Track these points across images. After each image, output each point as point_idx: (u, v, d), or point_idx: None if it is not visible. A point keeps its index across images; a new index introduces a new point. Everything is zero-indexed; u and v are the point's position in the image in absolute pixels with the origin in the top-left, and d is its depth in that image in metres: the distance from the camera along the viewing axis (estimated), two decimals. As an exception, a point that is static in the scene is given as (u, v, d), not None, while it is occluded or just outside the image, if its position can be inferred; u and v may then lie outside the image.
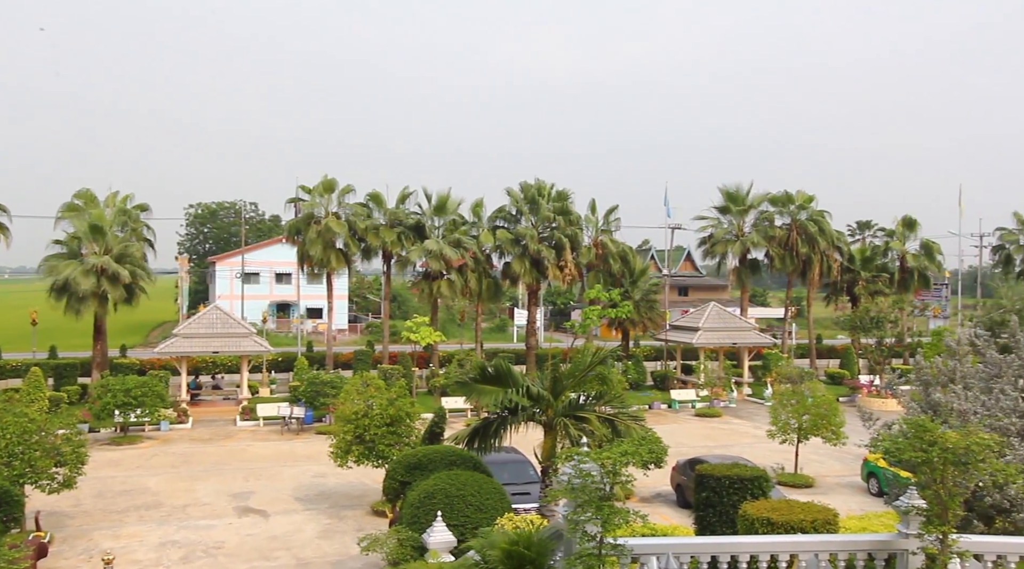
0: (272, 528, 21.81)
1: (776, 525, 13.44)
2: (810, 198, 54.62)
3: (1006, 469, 12.10)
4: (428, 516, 16.09)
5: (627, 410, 19.18)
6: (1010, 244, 64.37)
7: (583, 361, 18.80)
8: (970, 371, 18.75)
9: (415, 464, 19.13)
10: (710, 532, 15.74)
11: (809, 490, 25.80)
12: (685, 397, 44.30)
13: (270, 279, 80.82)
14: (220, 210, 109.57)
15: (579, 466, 10.91)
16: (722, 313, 49.74)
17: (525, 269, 48.80)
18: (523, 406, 17.94)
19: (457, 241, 48.00)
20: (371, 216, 48.98)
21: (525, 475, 22.08)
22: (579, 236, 50.37)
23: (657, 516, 21.47)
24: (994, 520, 16.79)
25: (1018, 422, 17.24)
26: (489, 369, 18.73)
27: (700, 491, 16.68)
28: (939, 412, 17.55)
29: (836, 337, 68.27)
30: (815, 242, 53.40)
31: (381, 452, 22.66)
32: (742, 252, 54.32)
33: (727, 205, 54.88)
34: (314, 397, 36.46)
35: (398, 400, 23.37)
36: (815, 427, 26.87)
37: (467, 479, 17.32)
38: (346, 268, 51.69)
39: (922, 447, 11.67)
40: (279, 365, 50.83)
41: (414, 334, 44.38)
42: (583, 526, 10.72)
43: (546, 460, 18.24)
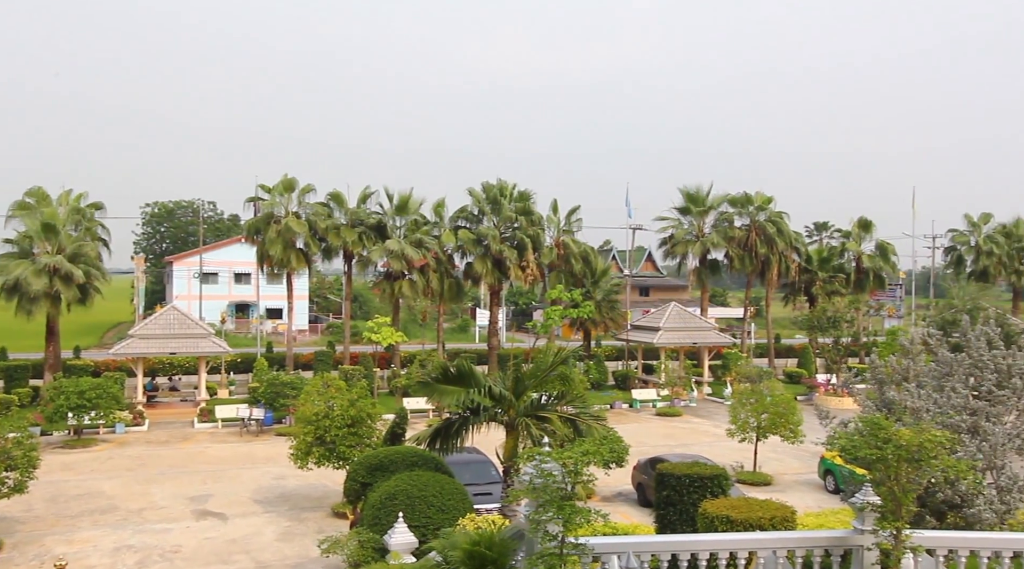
0: (231, 531, 21.53)
1: (735, 523, 13.58)
2: (769, 199, 55.36)
3: (957, 465, 12.36)
4: (389, 517, 15.99)
5: (589, 410, 19.24)
6: (961, 245, 65.88)
7: (545, 361, 18.83)
8: (923, 370, 19.13)
9: (376, 465, 19.01)
10: (671, 530, 15.86)
11: (768, 488, 26.13)
12: (646, 396, 44.61)
13: (229, 279, 79.81)
14: (177, 209, 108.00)
15: (541, 466, 10.93)
16: (683, 313, 50.19)
17: (487, 269, 48.79)
18: (485, 406, 17.92)
19: (419, 241, 47.83)
20: (332, 216, 48.60)
21: (487, 475, 22.07)
22: (541, 236, 50.50)
23: (618, 515, 21.59)
24: (946, 515, 17.16)
25: (968, 419, 17.63)
26: (451, 369, 18.67)
27: (661, 490, 16.80)
28: (893, 410, 17.88)
29: (794, 337, 69.25)
30: (774, 243, 54.11)
31: (342, 453, 22.48)
32: (702, 252, 54.86)
33: (687, 206, 55.39)
34: (274, 398, 36.06)
35: (359, 401, 23.21)
36: (774, 426, 27.24)
37: (429, 480, 17.25)
38: (306, 268, 51.25)
39: (877, 445, 11.88)
40: (238, 366, 50.22)
41: (375, 334, 44.12)
42: (545, 526, 10.74)
43: (508, 460, 18.25)
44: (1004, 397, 18.00)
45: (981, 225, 65.18)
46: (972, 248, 64.69)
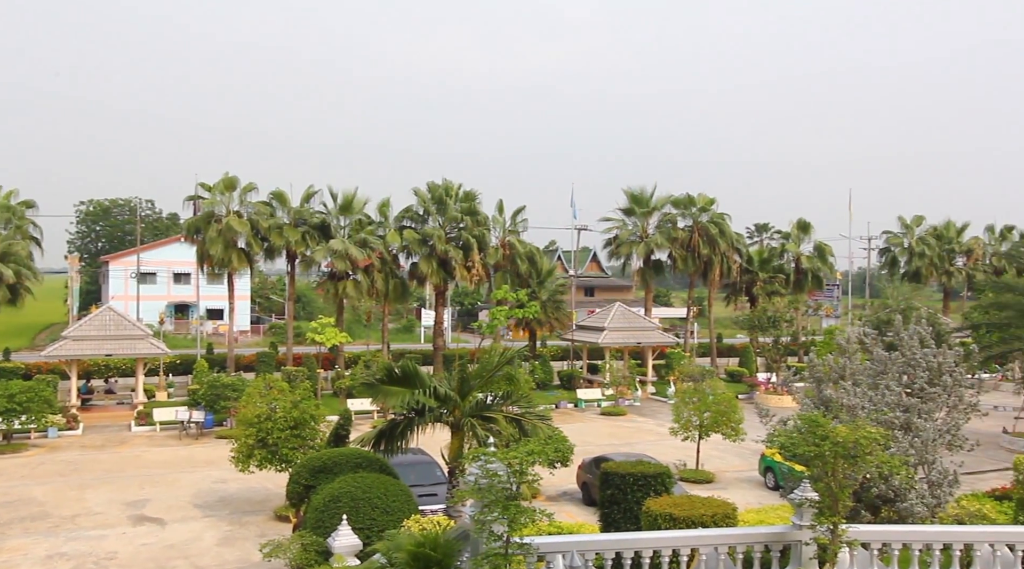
0: (169, 536, 21.07)
1: (678, 520, 13.74)
2: (711, 201, 56.18)
3: (891, 461, 12.69)
4: (333, 520, 15.82)
5: (534, 410, 19.29)
6: (895, 247, 67.83)
7: (490, 361, 18.84)
8: (859, 368, 19.61)
9: (320, 467, 18.80)
10: (615, 529, 15.98)
11: (710, 485, 26.52)
12: (591, 396, 44.94)
13: (167, 279, 78.17)
14: (114, 207, 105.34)
15: (486, 466, 10.92)
16: (627, 313, 50.67)
17: (432, 269, 48.61)
18: (430, 407, 17.84)
19: (363, 241, 47.43)
20: (274, 215, 47.90)
21: (432, 476, 22.00)
22: (486, 237, 50.48)
23: (563, 514, 21.70)
24: (880, 510, 17.63)
25: (901, 416, 18.14)
26: (396, 370, 18.56)
27: (605, 489, 16.92)
28: (831, 408, 18.29)
29: (736, 336, 70.43)
30: (716, 244, 54.93)
31: (285, 456, 22.18)
32: (646, 253, 55.45)
33: (632, 207, 55.92)
34: (214, 400, 35.40)
35: (302, 403, 22.93)
36: (715, 424, 27.66)
37: (373, 481, 17.11)
38: (248, 268, 50.40)
39: (815, 442, 12.14)
40: (177, 368, 49.18)
41: (319, 335, 43.61)
42: (490, 526, 10.73)
43: (453, 461, 18.21)
44: (935, 394, 18.56)
45: (914, 228, 67.20)
46: (905, 250, 66.65)
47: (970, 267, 66.58)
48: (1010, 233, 68.87)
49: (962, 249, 67.25)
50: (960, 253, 67.31)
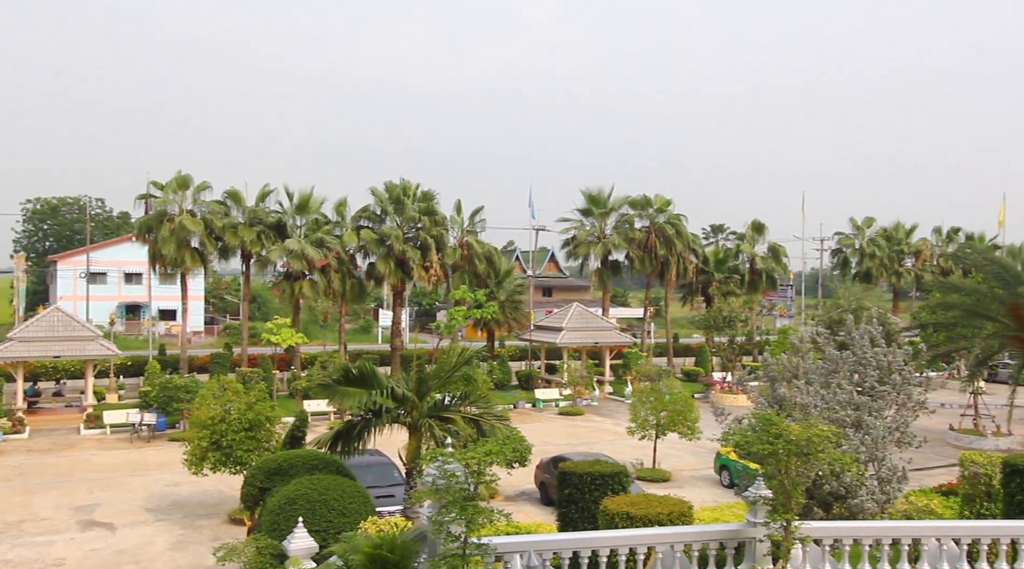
0: (119, 541, 20.65)
1: (635, 519, 13.82)
2: (668, 202, 56.71)
3: (842, 458, 12.91)
4: (289, 522, 15.64)
5: (492, 410, 19.29)
6: (847, 248, 69.14)
7: (448, 362, 18.79)
8: (811, 367, 19.92)
9: (275, 469, 18.58)
10: (572, 528, 16.02)
11: (666, 484, 26.76)
12: (549, 396, 45.06)
13: (118, 279, 76.69)
14: (62, 206, 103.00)
15: (443, 467, 10.88)
16: (585, 313, 50.91)
17: (390, 270, 48.35)
18: (388, 408, 17.75)
19: (320, 241, 47.00)
20: (229, 214, 47.27)
21: (389, 477, 21.90)
22: (444, 237, 50.36)
23: (521, 514, 21.73)
24: (832, 506, 17.93)
25: (852, 414, 18.47)
26: (353, 371, 18.41)
27: (563, 488, 16.96)
28: (784, 406, 18.56)
29: (692, 336, 71.16)
30: (672, 244, 55.44)
31: (239, 458, 21.88)
32: (604, 253, 55.78)
33: (589, 208, 56.23)
34: (167, 402, 34.80)
35: (257, 404, 22.63)
36: (672, 423, 27.91)
37: (330, 483, 16.96)
38: (202, 268, 49.72)
39: (768, 440, 12.30)
40: (128, 370, 48.25)
41: (275, 336, 43.09)
42: (447, 527, 10.70)
43: (411, 462, 18.13)
44: (885, 392, 18.93)
45: (865, 229, 68.57)
46: (857, 251, 67.97)
47: (918, 268, 68.12)
48: (956, 235, 70.63)
49: (911, 250, 68.82)
50: (909, 254, 68.86)
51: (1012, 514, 15.66)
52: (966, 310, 26.36)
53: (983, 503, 18.32)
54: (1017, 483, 15.74)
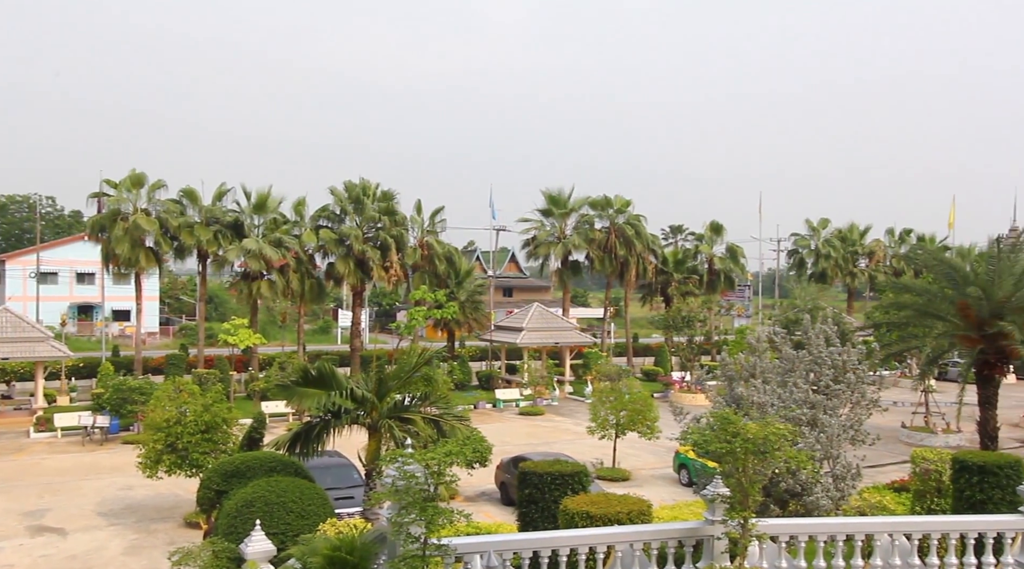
0: (71, 547, 20.22)
1: (594, 518, 13.87)
2: (627, 203, 57.11)
3: (798, 456, 13.08)
4: (246, 525, 15.43)
5: (452, 410, 19.25)
6: (802, 249, 70.27)
7: (408, 362, 18.70)
8: (768, 366, 20.19)
9: (232, 472, 18.33)
10: (532, 528, 16.03)
11: (626, 483, 26.93)
12: (509, 396, 45.09)
13: (70, 279, 75.11)
14: (11, 204, 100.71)
15: (403, 468, 10.82)
16: (545, 313, 51.04)
17: (349, 270, 48.01)
18: (347, 409, 17.62)
19: (278, 240, 46.51)
20: (185, 213, 46.58)
21: (349, 479, 21.74)
22: (405, 237, 50.17)
23: (482, 514, 21.71)
24: (788, 503, 18.19)
25: (808, 412, 18.76)
26: (312, 371, 18.25)
27: (523, 488, 16.95)
28: (741, 405, 18.78)
29: (651, 336, 71.72)
30: (632, 245, 55.85)
31: (195, 461, 21.57)
32: (564, 254, 55.99)
33: (550, 208, 56.41)
34: (120, 405, 34.17)
35: (214, 406, 22.33)
36: (632, 422, 28.09)
37: (288, 485, 16.78)
38: (157, 268, 48.89)
39: (726, 438, 12.42)
40: (80, 371, 47.29)
41: (232, 337, 42.56)
42: (407, 528, 10.64)
43: (370, 463, 18.01)
44: (839, 391, 19.25)
45: (820, 230, 69.73)
46: (812, 251, 69.10)
47: (872, 268, 69.46)
48: (908, 236, 72.18)
49: (864, 251, 70.15)
50: (863, 255, 70.18)
51: (961, 509, 16.01)
52: (917, 310, 26.87)
53: (934, 499, 18.71)
54: (966, 479, 16.09)
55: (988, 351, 24.25)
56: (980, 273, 24.62)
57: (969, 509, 15.70)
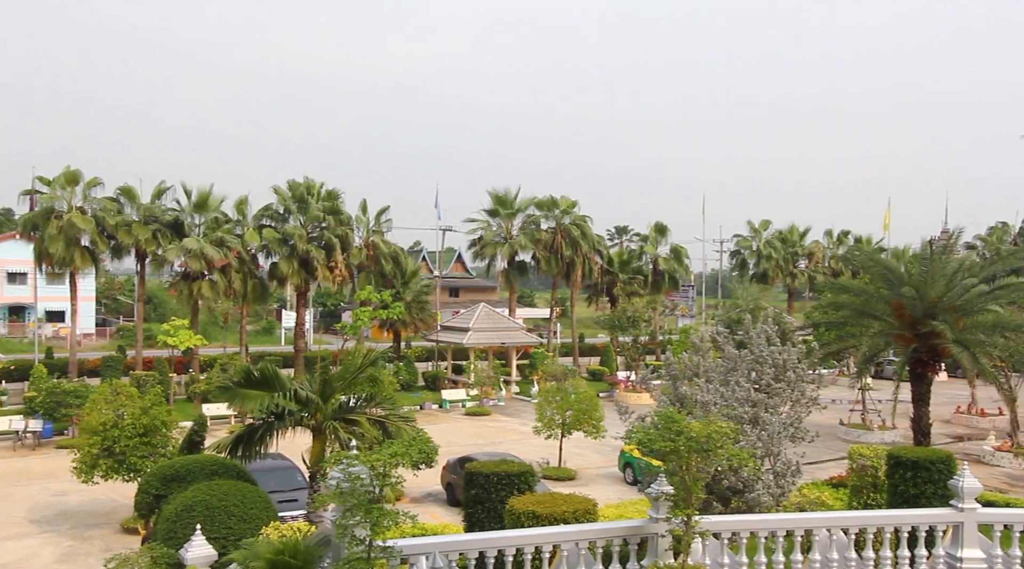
0: (0, 555, 19.56)
1: (540, 518, 13.91)
2: (573, 204, 57.44)
3: (740, 453, 13.29)
4: (186, 530, 15.12)
5: (398, 411, 19.15)
6: (744, 249, 71.49)
7: (354, 363, 18.54)
8: (711, 365, 20.51)
9: (172, 476, 17.93)
10: (479, 528, 16.01)
11: (572, 482, 27.06)
12: (456, 397, 44.98)
13: (1, 279, 72.79)
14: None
15: (348, 470, 10.71)
16: (491, 314, 51.04)
17: (293, 270, 47.40)
18: (291, 411, 17.39)
19: (220, 240, 45.67)
20: (122, 212, 45.44)
21: (292, 481, 21.47)
22: (350, 236, 49.74)
23: (428, 516, 21.61)
24: (730, 500, 18.49)
25: (750, 410, 19.09)
26: (254, 373, 17.95)
27: (469, 489, 16.93)
28: (685, 404, 19.04)
29: (597, 336, 72.22)
30: (578, 245, 56.20)
31: (133, 465, 21.04)
32: (510, 254, 56.09)
33: (496, 208, 56.45)
34: (54, 408, 33.18)
35: (153, 408, 21.82)
36: (577, 422, 28.25)
37: (229, 489, 16.48)
38: (93, 267, 47.56)
39: (670, 437, 12.56)
40: (11, 374, 45.79)
41: (172, 338, 41.65)
42: (352, 530, 10.53)
43: (315, 465, 17.80)
44: (780, 389, 19.64)
45: (761, 231, 71.05)
46: (754, 252, 70.37)
47: (811, 269, 71.03)
48: (846, 237, 73.99)
49: (804, 252, 71.70)
50: (803, 256, 71.74)
51: (896, 503, 16.44)
52: (854, 310, 27.54)
53: (870, 494, 19.20)
54: (900, 474, 16.53)
55: (921, 350, 24.96)
56: (914, 274, 25.32)
57: (903, 503, 16.13)
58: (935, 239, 27.51)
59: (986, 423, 38.59)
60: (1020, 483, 27.76)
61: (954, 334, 23.71)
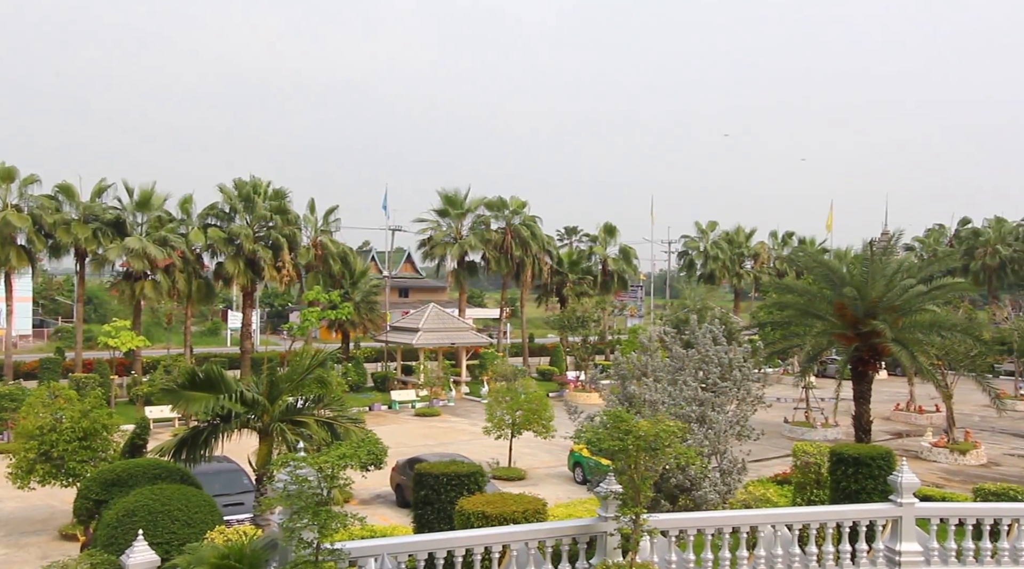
0: (-68, 565, 18.90)
1: (490, 518, 13.92)
2: (523, 204, 57.57)
3: (687, 452, 13.46)
4: (127, 535, 14.75)
5: (347, 412, 18.95)
6: (692, 250, 72.45)
7: (301, 364, 18.32)
8: (659, 365, 20.72)
9: (113, 480, 17.50)
10: (428, 529, 15.96)
11: (522, 482, 27.10)
12: (405, 398, 44.75)
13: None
14: None
15: (295, 472, 10.59)
16: (441, 314, 50.90)
17: (239, 270, 46.67)
18: (237, 413, 17.10)
19: (163, 239, 44.74)
20: (61, 210, 44.26)
21: (239, 484, 21.15)
22: (297, 236, 49.17)
23: (377, 517, 21.46)
24: (678, 498, 18.71)
25: (697, 409, 19.34)
26: (199, 375, 17.61)
27: (419, 490, 16.87)
28: (634, 403, 19.21)
29: (547, 336, 72.47)
30: (528, 246, 56.32)
31: (72, 470, 20.48)
32: (460, 254, 55.98)
33: (446, 208, 56.31)
34: (-11, 412, 32.15)
35: (93, 411, 21.26)
36: (527, 422, 28.31)
37: (173, 493, 16.14)
38: (30, 267, 46.26)
39: (619, 436, 12.66)
40: (-56, 377, 44.29)
41: (113, 339, 40.68)
42: (299, 533, 10.42)
43: (261, 467, 17.54)
44: (726, 388, 19.94)
45: (708, 232, 72.07)
46: (701, 253, 71.35)
47: (757, 270, 72.28)
48: (790, 238, 75.46)
49: (750, 253, 72.95)
50: (749, 257, 72.97)
51: (838, 499, 16.81)
52: (798, 309, 28.07)
53: (813, 490, 19.58)
54: (842, 471, 16.90)
55: (862, 348, 25.54)
56: (855, 275, 25.89)
57: (845, 499, 16.50)
58: (875, 241, 28.17)
59: (924, 420, 39.68)
60: (956, 478, 28.60)
61: (893, 333, 24.29)
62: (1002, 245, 70.63)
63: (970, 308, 42.47)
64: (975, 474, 29.04)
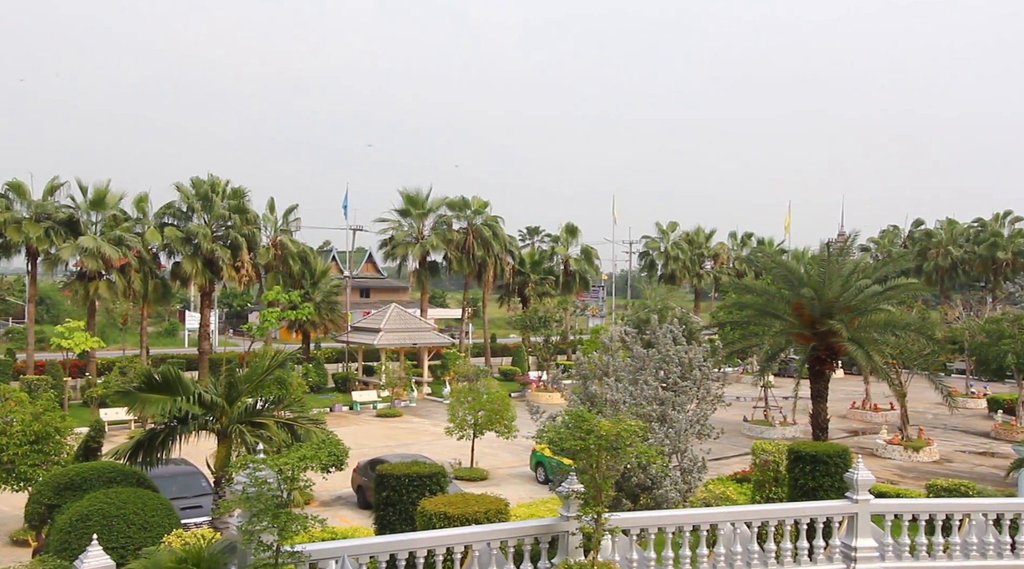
0: None
1: (452, 518, 13.89)
2: (485, 204, 57.52)
3: (648, 451, 13.55)
4: (81, 540, 14.45)
5: (307, 413, 18.80)
6: (653, 251, 72.99)
7: (261, 365, 18.12)
8: (620, 365, 20.85)
9: (66, 484, 17.14)
10: (390, 531, 15.87)
11: (484, 482, 27.08)
12: (366, 398, 44.47)
13: None
14: None
15: (255, 474, 10.47)
16: (403, 314, 50.67)
17: (197, 269, 45.99)
18: (195, 414, 16.85)
19: (119, 238, 43.92)
20: (11, 208, 43.21)
21: (196, 487, 20.89)
22: (257, 235, 48.60)
23: (338, 519, 21.30)
24: (639, 497, 18.83)
25: (658, 409, 19.49)
26: (156, 376, 17.31)
27: (380, 491, 16.77)
28: (595, 403, 19.30)
29: (509, 336, 72.48)
30: (490, 246, 56.28)
31: (23, 474, 20.01)
32: (422, 254, 55.78)
33: (407, 208, 56.06)
34: (-64, 415, 31.27)
35: (45, 414, 20.80)
36: (489, 422, 28.29)
37: (129, 496, 15.86)
38: (-20, 267, 45.16)
39: (580, 436, 12.71)
40: None
41: (66, 340, 39.85)
42: (259, 536, 10.30)
43: (220, 470, 17.30)
44: (687, 387, 20.12)
45: (669, 233, 72.65)
46: (662, 253, 71.91)
47: (717, 270, 73.04)
48: (749, 239, 76.40)
49: (710, 253, 73.69)
50: (708, 257, 73.71)
51: (796, 497, 17.04)
52: (757, 309, 28.41)
53: (772, 488, 19.85)
54: (800, 468, 17.15)
55: (819, 348, 25.94)
56: (812, 275, 26.28)
57: (803, 496, 16.73)
58: (832, 242, 28.61)
59: (879, 418, 40.43)
60: (910, 474, 29.18)
61: (850, 333, 24.70)
62: (954, 246, 72.26)
63: (923, 308, 43.31)
64: (928, 470, 29.66)
